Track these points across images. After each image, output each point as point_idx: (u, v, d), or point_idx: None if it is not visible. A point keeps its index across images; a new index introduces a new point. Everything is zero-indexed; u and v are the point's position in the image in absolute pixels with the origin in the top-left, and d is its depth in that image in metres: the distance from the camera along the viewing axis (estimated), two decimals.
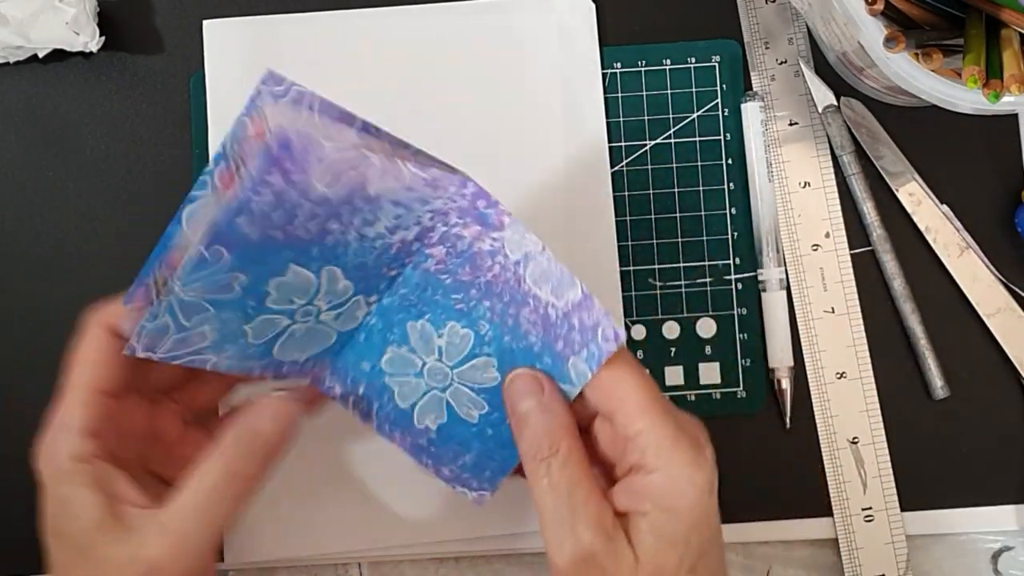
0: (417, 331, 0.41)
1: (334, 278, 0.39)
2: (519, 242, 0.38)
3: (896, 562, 0.48)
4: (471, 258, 0.39)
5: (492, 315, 0.39)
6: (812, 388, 0.49)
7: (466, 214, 0.39)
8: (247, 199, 0.34)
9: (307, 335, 0.41)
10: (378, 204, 0.37)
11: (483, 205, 0.38)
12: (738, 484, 0.49)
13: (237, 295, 0.37)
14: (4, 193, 0.50)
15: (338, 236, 0.37)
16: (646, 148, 0.50)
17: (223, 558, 0.48)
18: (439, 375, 0.41)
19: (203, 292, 0.37)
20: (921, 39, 0.41)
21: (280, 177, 0.34)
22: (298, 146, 0.34)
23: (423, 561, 0.49)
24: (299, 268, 0.38)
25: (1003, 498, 0.49)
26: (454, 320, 0.40)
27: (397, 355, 0.41)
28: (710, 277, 0.49)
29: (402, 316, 0.41)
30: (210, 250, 0.35)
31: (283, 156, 0.34)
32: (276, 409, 0.38)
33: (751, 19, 0.50)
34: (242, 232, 0.35)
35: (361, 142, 0.36)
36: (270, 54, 0.50)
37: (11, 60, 0.50)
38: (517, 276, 0.38)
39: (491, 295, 0.39)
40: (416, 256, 0.40)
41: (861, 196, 0.49)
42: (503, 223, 0.38)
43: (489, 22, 0.50)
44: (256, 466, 0.37)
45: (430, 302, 0.40)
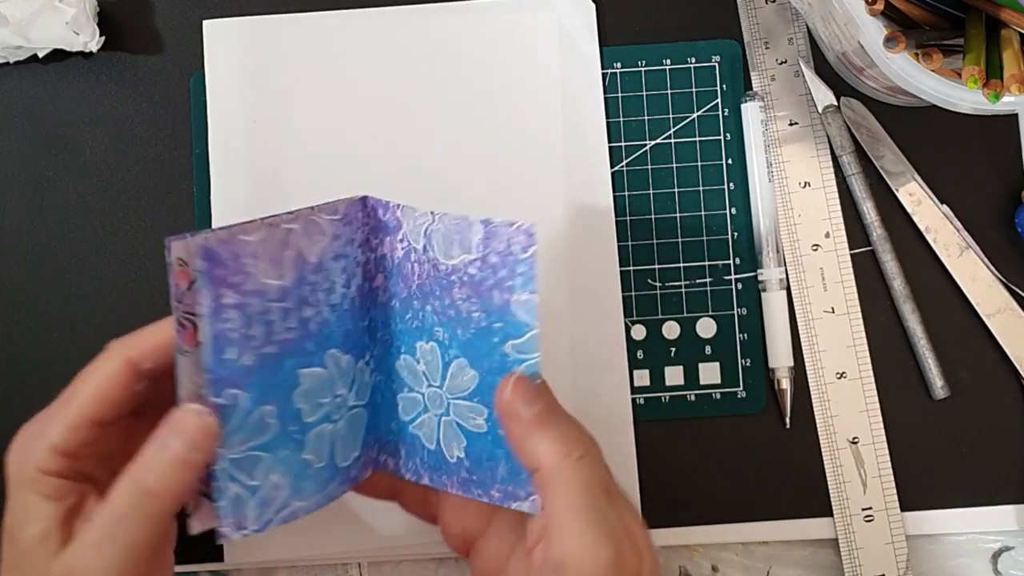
0: (404, 368, 0.40)
1: (336, 359, 0.39)
2: (416, 226, 0.37)
3: (896, 562, 0.48)
4: (398, 271, 0.38)
5: (437, 316, 0.38)
6: (812, 388, 0.49)
7: (376, 231, 0.38)
8: (219, 331, 0.34)
9: (349, 427, 0.40)
10: (325, 268, 0.37)
11: (381, 213, 0.38)
12: (738, 484, 0.49)
13: (277, 428, 0.37)
14: (4, 193, 0.50)
15: (317, 320, 0.37)
16: (646, 148, 0.50)
17: (223, 558, 0.48)
18: (437, 401, 0.39)
19: (246, 442, 0.36)
20: (921, 39, 0.41)
21: (230, 291, 0.34)
22: (224, 253, 0.34)
23: (423, 561, 0.49)
24: (307, 369, 0.37)
25: (1003, 498, 0.49)
26: (418, 339, 0.39)
27: (404, 399, 0.40)
28: (710, 277, 0.49)
29: (390, 360, 0.40)
30: (223, 396, 0.35)
31: (217, 270, 0.33)
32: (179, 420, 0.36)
33: (751, 19, 0.50)
34: (237, 364, 0.35)
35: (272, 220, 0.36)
36: (270, 54, 0.50)
37: (11, 60, 0.50)
38: (432, 261, 0.37)
39: (427, 297, 0.38)
40: (371, 294, 0.39)
41: (861, 196, 0.49)
42: (399, 219, 0.38)
43: (489, 22, 0.50)
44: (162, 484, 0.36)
45: (397, 333, 0.40)
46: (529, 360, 0.37)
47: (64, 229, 0.50)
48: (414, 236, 0.38)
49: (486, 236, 0.36)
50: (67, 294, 0.49)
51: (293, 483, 0.38)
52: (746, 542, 0.49)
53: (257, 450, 0.37)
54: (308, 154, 0.49)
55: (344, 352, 0.38)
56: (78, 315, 0.49)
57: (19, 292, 0.50)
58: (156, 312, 0.44)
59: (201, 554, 0.48)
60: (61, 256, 0.50)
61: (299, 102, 0.49)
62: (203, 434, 0.35)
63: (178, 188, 0.50)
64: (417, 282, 0.38)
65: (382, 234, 0.38)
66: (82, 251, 0.50)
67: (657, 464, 0.48)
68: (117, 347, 0.39)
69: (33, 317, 0.50)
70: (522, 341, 0.36)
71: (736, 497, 0.49)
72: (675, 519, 0.48)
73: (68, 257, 0.50)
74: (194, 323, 0.35)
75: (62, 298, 0.49)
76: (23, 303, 0.49)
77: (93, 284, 0.49)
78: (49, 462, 0.37)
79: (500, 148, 0.49)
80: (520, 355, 0.37)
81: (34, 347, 0.49)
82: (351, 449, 0.40)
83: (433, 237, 0.37)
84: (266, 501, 0.37)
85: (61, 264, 0.50)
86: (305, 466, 0.38)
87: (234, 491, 0.36)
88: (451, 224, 0.37)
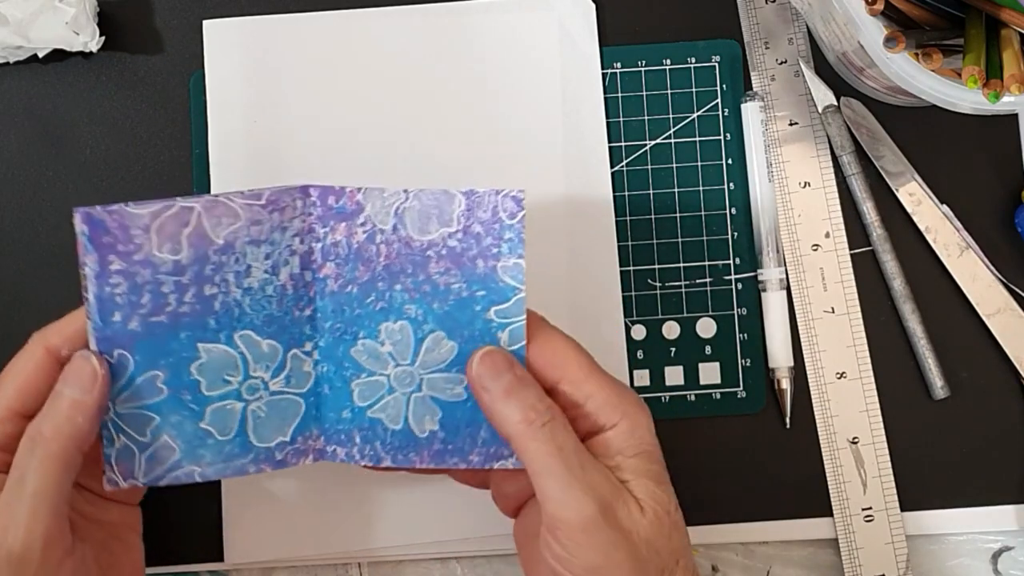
0: (363, 353, 0.40)
1: (252, 342, 0.40)
2: (385, 207, 0.38)
3: (896, 562, 0.48)
4: (357, 256, 0.39)
5: (409, 293, 0.39)
6: (812, 388, 0.49)
7: (326, 218, 0.39)
8: (104, 294, 0.36)
9: (272, 411, 0.41)
10: (237, 251, 0.38)
11: (334, 200, 0.39)
12: (738, 484, 0.49)
13: (167, 393, 0.39)
14: (4, 193, 0.50)
15: (223, 299, 0.39)
16: (646, 148, 0.50)
17: (223, 558, 0.48)
18: (407, 379, 0.40)
19: (134, 400, 0.38)
20: (921, 39, 0.41)
21: (116, 257, 0.36)
22: (112, 222, 0.36)
23: (423, 561, 0.49)
24: (208, 345, 0.39)
25: (1003, 498, 0.49)
26: (383, 321, 0.40)
27: (363, 384, 0.41)
28: (710, 277, 0.49)
29: (344, 347, 0.41)
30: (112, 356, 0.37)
31: (103, 236, 0.36)
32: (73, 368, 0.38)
33: (751, 19, 0.50)
34: (125, 328, 0.37)
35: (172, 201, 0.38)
36: (270, 54, 0.50)
37: (11, 60, 0.50)
38: (402, 239, 0.39)
39: (396, 276, 0.39)
40: (316, 284, 0.40)
41: (861, 196, 0.49)
42: (359, 203, 0.39)
43: (489, 22, 0.50)
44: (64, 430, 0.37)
45: (355, 320, 0.40)
46: (513, 324, 0.38)
47: (64, 229, 0.50)
48: (380, 217, 0.39)
49: (468, 207, 0.38)
50: (67, 294, 0.49)
51: (186, 448, 0.40)
52: (746, 542, 0.49)
53: (146, 410, 0.39)
54: (308, 154, 0.49)
55: (264, 337, 0.40)
56: None
57: (19, 292, 0.50)
58: None
59: (201, 554, 0.48)
60: (61, 256, 0.50)
61: (299, 102, 0.49)
62: (92, 377, 0.37)
63: (178, 188, 0.50)
64: (384, 263, 0.39)
65: (333, 221, 0.39)
66: None
67: None
68: (37, 337, 0.40)
69: (33, 317, 0.49)
70: (508, 305, 0.38)
71: (736, 497, 0.49)
72: None
73: (68, 257, 0.50)
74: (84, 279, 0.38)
75: (62, 298, 0.49)
76: (23, 303, 0.49)
77: None
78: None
79: (500, 148, 0.49)
80: (503, 320, 0.38)
81: None
82: (275, 432, 0.41)
83: (406, 215, 0.38)
84: (155, 458, 0.39)
85: (61, 264, 0.50)
86: (204, 435, 0.40)
87: (122, 442, 0.39)
88: (429, 199, 0.38)
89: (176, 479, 0.40)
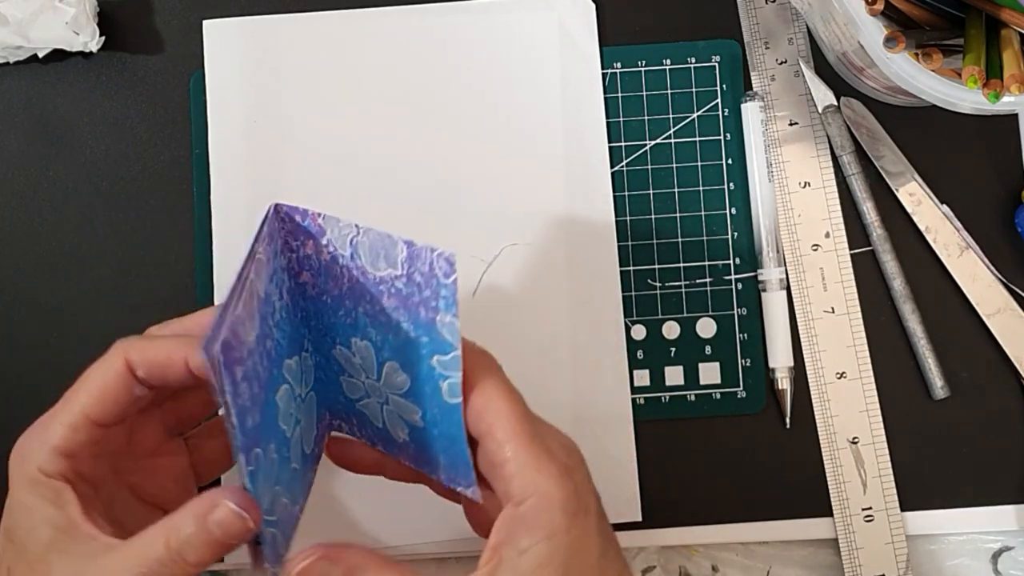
0: (341, 356, 0.40)
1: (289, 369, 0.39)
2: (342, 235, 0.37)
3: (896, 562, 0.48)
4: (326, 271, 0.38)
5: (369, 319, 0.38)
6: (812, 388, 0.49)
7: (296, 233, 0.38)
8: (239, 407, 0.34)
9: (306, 416, 0.41)
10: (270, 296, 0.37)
11: (300, 219, 0.38)
12: (738, 484, 0.49)
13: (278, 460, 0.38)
14: (4, 193, 0.50)
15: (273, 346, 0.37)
16: (646, 148, 0.50)
17: (223, 558, 0.48)
18: (376, 392, 0.40)
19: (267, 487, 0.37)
20: (921, 39, 0.41)
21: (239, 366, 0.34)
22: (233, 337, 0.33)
23: (423, 561, 0.49)
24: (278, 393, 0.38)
25: (1003, 498, 0.49)
26: (352, 335, 0.39)
27: (346, 382, 0.41)
28: (710, 277, 0.49)
29: (326, 347, 0.40)
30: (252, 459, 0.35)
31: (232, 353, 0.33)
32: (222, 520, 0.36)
33: (751, 19, 0.50)
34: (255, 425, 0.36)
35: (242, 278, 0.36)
36: (270, 54, 0.50)
37: (11, 60, 0.50)
38: (360, 269, 0.37)
39: (358, 299, 0.38)
40: (299, 289, 0.39)
41: (861, 196, 0.49)
42: (321, 226, 0.37)
43: (489, 22, 0.50)
44: (199, 557, 0.36)
45: (331, 326, 0.40)
46: (451, 379, 0.36)
47: (64, 229, 0.50)
48: (339, 244, 0.37)
49: (409, 256, 0.36)
50: (67, 294, 0.49)
51: (290, 495, 0.39)
52: (746, 542, 0.49)
53: (275, 485, 0.38)
54: (308, 154, 0.49)
55: (290, 356, 0.39)
56: (78, 315, 0.49)
57: (19, 291, 0.50)
58: (155, 311, 0.44)
59: None
60: (61, 256, 0.50)
61: (299, 102, 0.49)
62: (242, 534, 0.36)
63: (178, 188, 0.50)
64: (348, 285, 0.38)
65: (303, 236, 0.38)
66: (82, 251, 0.50)
67: (657, 464, 0.48)
68: (119, 348, 0.39)
69: (33, 316, 0.50)
70: (447, 359, 0.36)
71: (736, 497, 0.49)
72: (675, 519, 0.48)
73: (68, 257, 0.50)
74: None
75: (62, 298, 0.49)
76: (23, 302, 0.49)
77: (93, 284, 0.49)
78: (50, 463, 0.37)
79: (500, 148, 0.49)
80: (445, 371, 0.36)
81: (34, 347, 0.49)
82: (311, 432, 0.41)
83: (360, 248, 0.37)
84: (283, 522, 0.39)
85: (61, 264, 0.50)
86: (293, 474, 0.39)
87: (270, 532, 0.38)
88: (375, 238, 0.36)
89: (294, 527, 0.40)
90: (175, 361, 0.38)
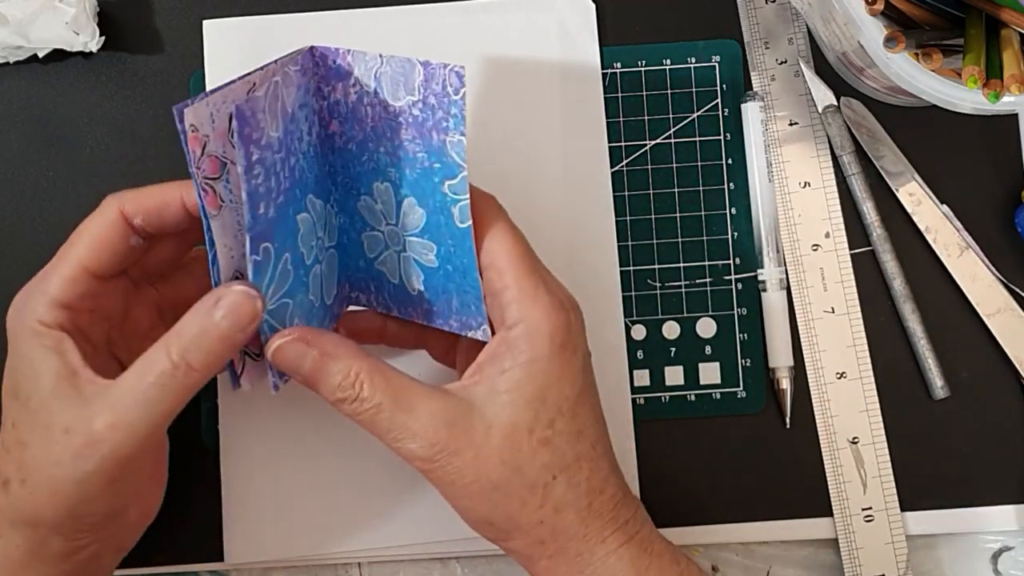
0: (364, 208, 0.41)
1: (313, 203, 0.40)
2: (367, 69, 0.38)
3: (896, 562, 0.48)
4: (352, 115, 0.40)
5: (389, 157, 0.39)
6: (812, 388, 0.49)
7: (328, 78, 0.39)
8: (252, 188, 0.35)
9: (327, 267, 0.42)
10: (296, 117, 0.38)
11: (331, 60, 0.39)
12: (738, 484, 0.49)
13: (292, 274, 0.39)
14: (4, 193, 0.50)
15: (298, 167, 0.39)
16: (646, 148, 0.50)
17: (223, 558, 0.48)
18: (395, 238, 0.41)
19: (277, 292, 0.38)
20: (921, 39, 0.41)
21: (254, 147, 0.35)
22: (248, 110, 0.35)
23: (423, 561, 0.49)
24: (301, 215, 0.39)
25: (1003, 498, 0.49)
26: (373, 180, 0.40)
27: (368, 238, 0.42)
28: (710, 277, 0.49)
29: (352, 202, 0.41)
30: (259, 252, 0.36)
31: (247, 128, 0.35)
32: (232, 303, 0.36)
33: (751, 19, 0.50)
34: (267, 218, 0.37)
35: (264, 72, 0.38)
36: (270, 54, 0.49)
37: (11, 60, 0.50)
38: (382, 103, 0.39)
39: (380, 139, 0.39)
40: (328, 140, 0.41)
41: (861, 196, 0.49)
42: (349, 64, 0.39)
43: (489, 22, 0.50)
44: (205, 360, 0.36)
45: (355, 176, 0.41)
46: (461, 201, 0.38)
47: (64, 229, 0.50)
48: (365, 79, 0.39)
49: (425, 77, 0.37)
50: None
51: (307, 324, 0.40)
52: (746, 542, 0.49)
53: (285, 297, 0.39)
54: None
55: (317, 197, 0.40)
56: None
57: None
58: None
59: (201, 554, 0.48)
60: None
61: None
62: (252, 317, 0.37)
63: None
64: (371, 124, 0.39)
65: (334, 80, 0.39)
66: None
67: (657, 464, 0.48)
68: (112, 198, 0.40)
69: None
70: (456, 181, 0.38)
71: (736, 497, 0.49)
72: (675, 519, 0.48)
73: None
74: (213, 187, 0.37)
75: None
76: None
77: None
78: (49, 314, 0.38)
79: (499, 147, 0.49)
80: (455, 195, 0.38)
81: None
82: (331, 287, 0.42)
83: (382, 79, 0.38)
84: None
85: None
86: (311, 306, 0.40)
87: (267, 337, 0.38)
88: (397, 66, 0.38)
89: None
90: (171, 203, 0.39)
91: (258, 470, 0.48)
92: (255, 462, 0.48)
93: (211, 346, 0.36)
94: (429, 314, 0.42)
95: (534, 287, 0.38)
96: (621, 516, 0.39)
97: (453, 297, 0.40)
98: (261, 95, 0.35)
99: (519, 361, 0.37)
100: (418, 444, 0.37)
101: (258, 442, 0.48)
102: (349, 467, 0.48)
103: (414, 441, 0.37)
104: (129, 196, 0.39)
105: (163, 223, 0.40)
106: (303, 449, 0.48)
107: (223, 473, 0.48)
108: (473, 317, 0.40)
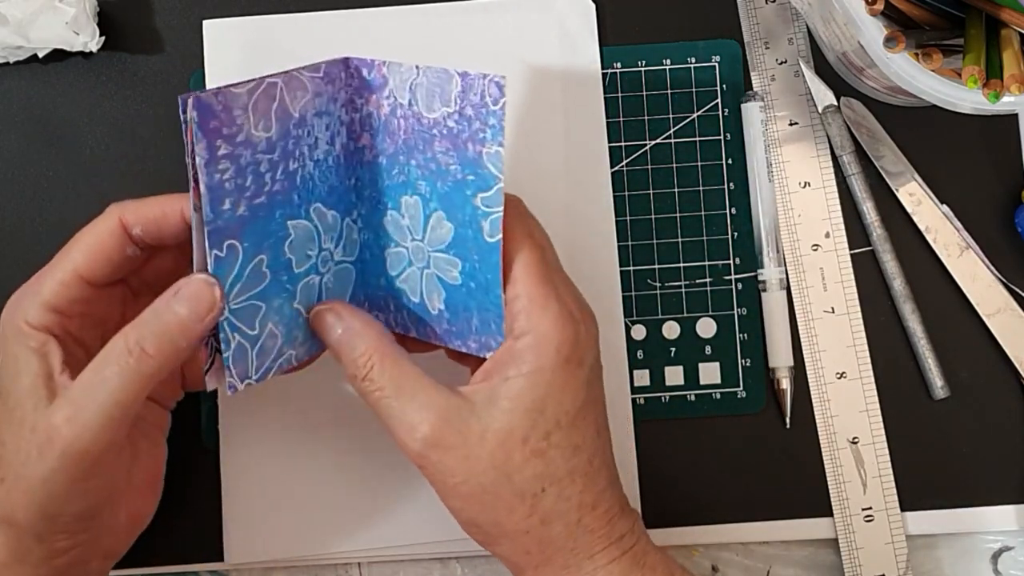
0: (390, 223, 0.41)
1: (321, 214, 0.40)
2: (403, 81, 0.38)
3: (896, 562, 0.48)
4: (384, 127, 0.40)
5: (421, 170, 0.39)
6: (812, 388, 0.49)
7: (361, 89, 0.39)
8: (214, 182, 0.35)
9: (336, 281, 0.42)
10: (308, 123, 0.38)
11: (366, 72, 0.39)
12: (738, 484, 0.49)
13: (270, 277, 0.39)
14: (4, 193, 0.50)
15: (301, 173, 0.38)
16: (646, 148, 0.50)
17: (223, 558, 0.48)
18: (420, 254, 0.41)
19: (244, 292, 0.38)
20: (921, 39, 0.41)
21: (223, 141, 0.35)
22: (218, 105, 0.35)
23: (423, 561, 0.49)
24: (295, 221, 0.39)
25: (1003, 498, 0.49)
26: (403, 194, 0.40)
27: (391, 254, 0.42)
28: (710, 277, 0.49)
29: (378, 217, 0.41)
30: (222, 249, 0.36)
31: (211, 121, 0.35)
32: (191, 292, 0.37)
33: (751, 19, 0.50)
34: (234, 215, 0.36)
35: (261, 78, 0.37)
36: (270, 54, 0.50)
37: (11, 60, 0.50)
38: (416, 115, 0.39)
39: (412, 151, 0.39)
40: (357, 154, 0.41)
41: (861, 196, 0.49)
42: (384, 76, 0.39)
43: (489, 22, 0.50)
44: (159, 346, 0.36)
45: (384, 190, 0.41)
46: (493, 214, 0.38)
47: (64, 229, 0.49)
48: (400, 91, 0.39)
49: (463, 88, 0.37)
50: None
51: (285, 332, 0.40)
52: (746, 542, 0.49)
53: (255, 299, 0.38)
54: None
55: (328, 208, 0.40)
56: None
57: None
58: None
59: (201, 554, 0.48)
60: None
61: None
62: (209, 306, 0.37)
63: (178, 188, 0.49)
64: (403, 137, 0.39)
65: (367, 93, 0.40)
66: None
67: (657, 464, 0.48)
68: (114, 208, 0.40)
69: None
70: (490, 194, 0.38)
71: (736, 497, 0.49)
72: (675, 519, 0.48)
73: None
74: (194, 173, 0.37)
75: None
76: None
77: None
78: (38, 317, 0.38)
79: None
80: (487, 208, 0.38)
81: None
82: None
83: (417, 91, 0.38)
84: (264, 350, 0.39)
85: None
86: (296, 315, 0.40)
87: (236, 341, 0.38)
88: (433, 77, 0.38)
89: (280, 368, 0.40)
90: (170, 215, 0.40)
91: (258, 470, 0.48)
92: (255, 462, 0.48)
93: (167, 332, 0.36)
94: (448, 335, 0.41)
95: (544, 297, 0.38)
96: (615, 531, 0.39)
97: (474, 316, 0.40)
98: (242, 92, 0.36)
99: (523, 371, 0.37)
100: (411, 435, 0.37)
101: (258, 442, 0.48)
102: (349, 467, 0.48)
103: (408, 431, 0.38)
104: (130, 206, 0.40)
105: (162, 234, 0.40)
106: (303, 449, 0.48)
107: (223, 473, 0.48)
108: (493, 336, 0.40)
